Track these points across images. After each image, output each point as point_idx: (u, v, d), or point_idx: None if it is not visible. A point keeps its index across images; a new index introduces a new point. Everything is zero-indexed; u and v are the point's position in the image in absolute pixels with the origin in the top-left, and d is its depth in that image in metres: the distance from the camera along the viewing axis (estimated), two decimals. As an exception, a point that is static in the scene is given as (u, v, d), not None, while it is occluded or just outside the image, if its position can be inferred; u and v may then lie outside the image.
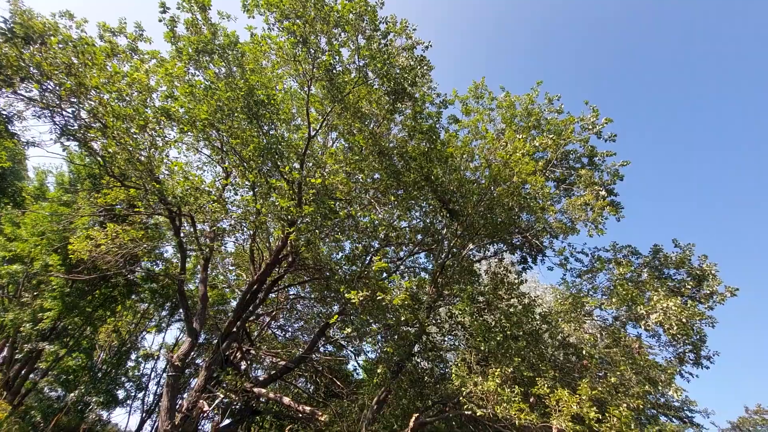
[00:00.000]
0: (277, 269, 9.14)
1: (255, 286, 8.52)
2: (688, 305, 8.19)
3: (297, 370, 10.53)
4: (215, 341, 8.31)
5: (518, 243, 10.04)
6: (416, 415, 4.44)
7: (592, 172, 8.66)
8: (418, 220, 9.43)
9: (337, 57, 6.84)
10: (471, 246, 9.22)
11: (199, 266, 9.28)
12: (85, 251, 8.22)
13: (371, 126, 8.60)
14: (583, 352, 7.74)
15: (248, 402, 7.69)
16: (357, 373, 10.98)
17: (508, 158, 7.26)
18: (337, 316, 6.32)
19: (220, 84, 7.30)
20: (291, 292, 11.06)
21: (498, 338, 7.37)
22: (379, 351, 8.61)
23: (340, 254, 9.98)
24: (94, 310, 11.55)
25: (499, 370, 6.27)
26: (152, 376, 12.31)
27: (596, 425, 5.53)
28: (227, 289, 11.39)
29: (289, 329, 11.37)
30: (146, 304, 12.47)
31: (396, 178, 8.13)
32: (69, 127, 7.49)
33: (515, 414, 5.63)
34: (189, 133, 8.51)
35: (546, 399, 5.88)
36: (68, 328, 11.97)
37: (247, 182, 8.47)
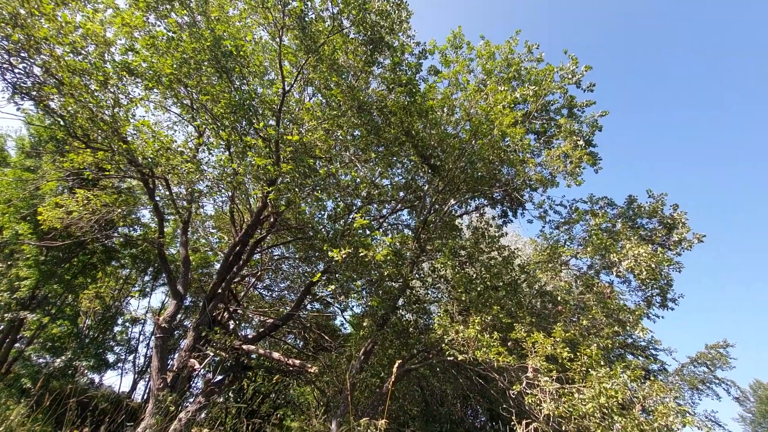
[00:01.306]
0: (259, 230, 9.08)
1: (237, 248, 8.48)
2: (658, 252, 8.60)
3: (286, 328, 10.79)
4: (201, 303, 8.36)
5: (499, 197, 10.17)
6: (399, 361, 4.65)
7: (571, 121, 8.66)
8: (400, 177, 9.38)
9: (309, 3, 6.41)
10: (453, 201, 9.29)
11: (178, 230, 9.12)
12: (56, 219, 7.94)
13: (349, 79, 8.27)
14: (559, 298, 8.13)
15: (238, 358, 7.90)
16: (344, 328, 11.34)
17: (489, 110, 7.15)
18: (320, 274, 6.38)
19: (183, 35, 6.80)
20: (275, 253, 11.07)
21: (479, 289, 7.65)
22: (364, 306, 8.86)
23: (324, 214, 9.95)
24: (74, 278, 11.37)
25: (479, 318, 6.54)
26: (141, 339, 12.46)
27: (568, 363, 5.92)
28: (210, 252, 11.32)
29: (276, 289, 11.51)
30: (128, 270, 12.34)
31: (376, 134, 7.96)
32: (21, 84, 6.94)
33: (494, 357, 5.96)
34: (155, 90, 8.04)
35: (523, 342, 6.21)
36: (49, 297, 11.81)
37: (221, 142, 8.18)
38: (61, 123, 7.64)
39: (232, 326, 8.64)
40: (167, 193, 8.33)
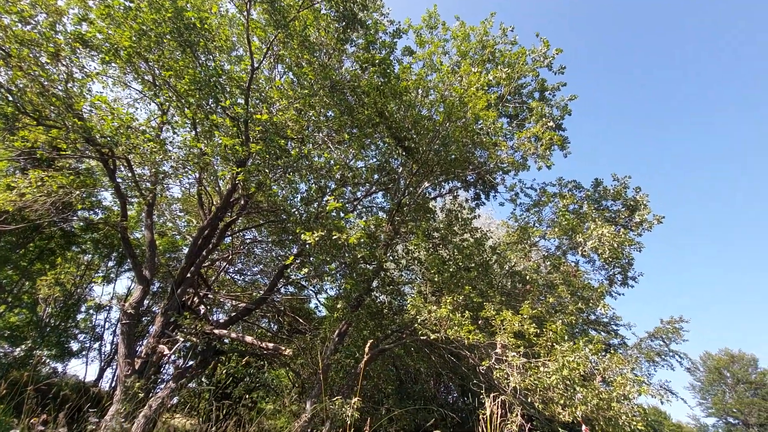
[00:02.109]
0: (229, 213, 8.84)
1: (206, 231, 8.24)
2: (621, 233, 8.99)
3: (259, 312, 10.68)
4: (170, 288, 8.13)
5: (472, 180, 10.29)
6: (371, 341, 4.69)
7: (543, 105, 8.80)
8: (374, 159, 9.31)
9: (277, -26, 6.12)
10: (426, 184, 9.33)
11: (143, 213, 8.76)
12: (8, 202, 7.44)
13: (321, 58, 8.05)
14: (527, 278, 8.40)
15: (210, 343, 7.78)
16: (319, 311, 11.36)
17: (463, 93, 7.15)
18: (293, 257, 6.31)
19: (142, 5, 6.37)
20: (247, 237, 10.84)
21: (451, 270, 7.79)
22: (338, 288, 8.86)
23: (297, 196, 9.80)
24: (31, 264, 10.77)
25: (451, 298, 6.68)
26: (107, 326, 12.03)
27: (535, 339, 6.17)
28: (178, 236, 10.96)
29: (248, 273, 11.32)
30: (89, 255, 11.80)
31: (349, 114, 7.82)
32: (-39, 54, 6.35)
33: (465, 335, 6.12)
34: (113, 64, 7.57)
35: (492, 320, 6.41)
36: (4, 284, 11.17)
37: (187, 120, 7.83)
38: (10, 98, 7.09)
39: (202, 311, 8.46)
40: (129, 174, 7.94)
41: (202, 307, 8.53)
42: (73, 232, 10.71)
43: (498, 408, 5.12)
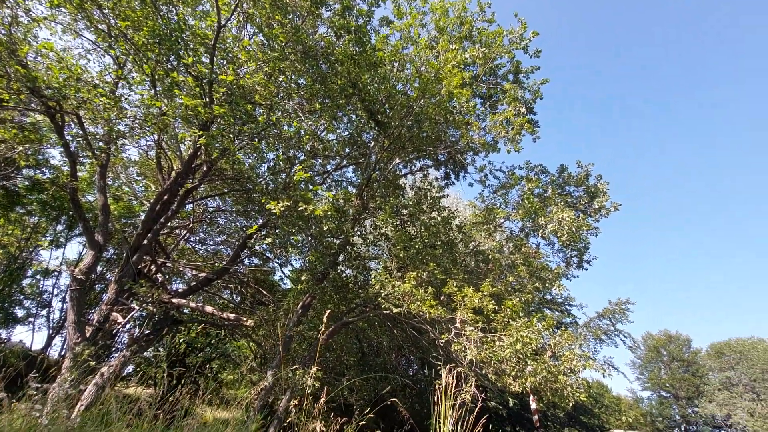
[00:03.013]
0: (190, 179, 8.45)
1: (165, 197, 7.86)
2: (580, 218, 9.37)
3: (221, 283, 10.45)
4: (125, 255, 7.75)
5: (443, 159, 10.33)
6: (329, 310, 4.70)
7: (516, 87, 8.85)
8: (346, 132, 9.11)
9: None
10: (397, 160, 9.28)
11: (96, 175, 8.20)
12: (-62, 153, 6.74)
13: (294, 20, 7.64)
14: (490, 257, 8.64)
15: (168, 313, 7.56)
16: (284, 283, 11.25)
17: (439, 68, 7.04)
18: (257, 227, 6.14)
19: (94, -58, 5.76)
20: (210, 205, 10.45)
21: (417, 247, 7.88)
22: (303, 261, 8.78)
23: (263, 165, 9.50)
24: (-32, 224, 9.93)
25: (415, 273, 6.78)
26: (56, 293, 11.40)
27: (493, 315, 6.40)
28: (134, 201, 10.40)
29: (211, 243, 10.98)
30: (36, 218, 11.00)
31: (322, 83, 7.56)
32: None
33: (427, 310, 6.27)
34: (63, 9, 6.89)
35: (454, 296, 6.58)
36: (-63, 245, 10.28)
37: (145, 78, 7.29)
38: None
39: (160, 280, 8.17)
40: (80, 131, 7.37)
41: (160, 275, 8.22)
42: (17, 191, 9.91)
43: (453, 379, 5.32)
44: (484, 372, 6.41)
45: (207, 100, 6.22)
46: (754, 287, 66.97)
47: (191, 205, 9.87)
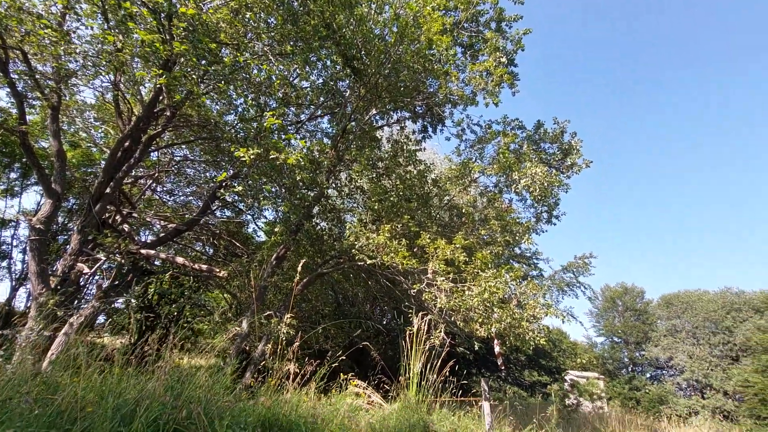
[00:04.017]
0: (153, 125, 7.96)
1: (126, 144, 7.40)
2: (553, 174, 9.54)
3: (193, 235, 10.24)
4: (87, 204, 7.39)
5: (421, 111, 10.10)
6: (304, 260, 4.72)
7: (498, 36, 8.56)
8: (320, 79, 8.68)
9: None
10: (374, 111, 8.99)
11: (48, 119, 7.56)
12: None
13: (262, -51, 6.93)
14: (464, 211, 8.77)
15: (136, 264, 7.39)
16: (258, 236, 11.15)
17: (418, 10, 6.66)
18: (225, 173, 5.92)
19: None
20: (177, 154, 9.96)
21: (392, 199, 7.87)
22: (276, 212, 8.65)
23: (233, 114, 9.03)
24: None
25: (389, 226, 6.82)
26: (15, 243, 10.90)
27: (464, 266, 6.61)
28: (94, 149, 9.76)
29: (180, 194, 10.60)
30: (-16, 164, 10.20)
31: (294, 23, 7.04)
32: None
33: (400, 261, 6.39)
34: None
35: (427, 248, 6.71)
36: None
37: (97, 10, 6.56)
38: None
39: (127, 230, 7.90)
40: (26, 69, 6.69)
41: (126, 226, 7.94)
42: (-41, 135, 9.08)
43: (425, 325, 5.54)
44: (453, 319, 6.72)
45: (166, 36, 5.70)
46: (708, 242, 71.90)
47: (156, 153, 9.39)
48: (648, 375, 28.73)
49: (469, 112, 9.98)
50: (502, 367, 9.02)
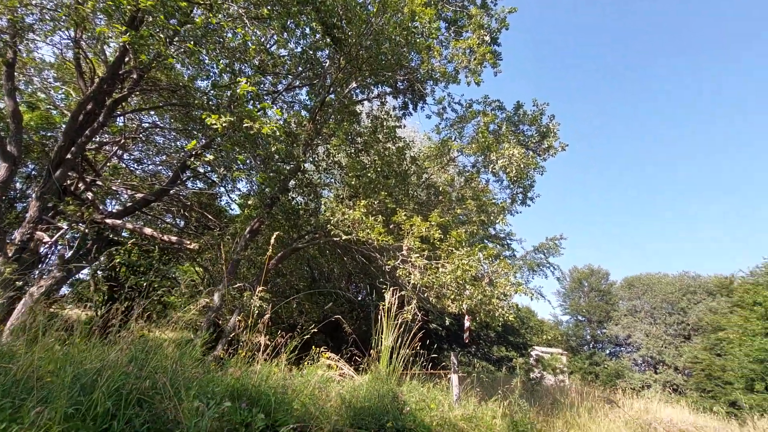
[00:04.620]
0: (118, 88, 7.50)
1: (89, 106, 6.97)
2: (530, 155, 9.65)
3: (163, 206, 9.89)
4: (46, 170, 6.97)
5: (402, 87, 9.92)
6: (277, 233, 4.64)
7: (483, 13, 8.41)
8: (299, 48, 8.34)
9: None
10: (354, 84, 8.77)
11: (2, 77, 6.99)
12: None
13: None
14: (441, 189, 8.81)
15: (101, 233, 7.10)
16: (232, 209, 10.88)
17: (402, -21, 6.44)
18: (195, 141, 5.67)
19: None
20: (145, 121, 9.47)
21: (370, 175, 7.80)
22: (250, 184, 8.44)
23: (207, 81, 8.61)
24: None
25: (366, 201, 6.78)
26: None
27: (439, 244, 6.68)
28: (54, 111, 9.15)
29: (149, 163, 10.15)
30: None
31: (271, -16, 6.68)
32: None
33: (375, 237, 6.39)
34: None
35: (403, 225, 6.73)
36: None
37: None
38: None
39: (91, 198, 7.53)
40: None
41: (90, 194, 7.57)
42: None
43: (396, 300, 5.61)
44: (426, 296, 6.84)
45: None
46: (672, 227, 75.39)
47: (122, 118, 8.89)
48: (607, 351, 30.47)
49: (451, 90, 9.90)
50: (467, 341, 9.33)
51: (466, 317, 6.58)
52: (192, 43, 5.95)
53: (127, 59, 7.08)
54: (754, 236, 68.67)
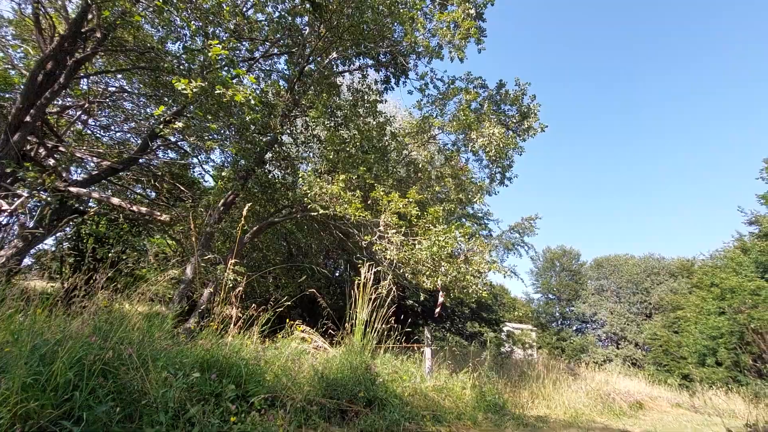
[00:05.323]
0: (81, 48, 7.01)
1: (49, 66, 6.50)
2: (510, 135, 9.68)
3: (132, 176, 9.49)
4: (3, 133, 6.53)
5: (384, 60, 9.68)
6: (249, 204, 4.53)
7: (467, -15, 8.19)
8: (276, 12, 7.95)
9: None
10: (335, 55, 8.49)
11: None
12: None
13: None
14: (420, 166, 8.78)
15: (65, 202, 6.76)
16: (205, 181, 10.56)
17: (385, -57, 6.15)
18: (162, 107, 5.38)
19: None
20: (112, 85, 8.94)
21: (349, 150, 7.67)
22: (222, 154, 8.18)
23: (176, 45, 8.14)
24: None
25: (344, 176, 6.69)
26: None
27: (416, 220, 6.70)
28: (12, 71, 8.50)
29: (117, 130, 9.64)
30: None
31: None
32: None
33: (352, 212, 6.34)
34: None
35: (380, 201, 6.70)
36: None
37: None
38: None
39: (53, 165, 7.13)
40: None
41: (53, 160, 7.16)
42: None
43: (372, 275, 5.63)
44: (402, 271, 6.90)
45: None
46: (642, 210, 78.08)
47: (86, 81, 8.37)
48: (574, 328, 31.96)
49: (434, 66, 9.71)
50: (437, 315, 9.58)
51: (440, 293, 6.70)
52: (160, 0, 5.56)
53: (90, 16, 6.60)
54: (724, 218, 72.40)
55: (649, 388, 14.07)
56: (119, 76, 8.76)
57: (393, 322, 5.62)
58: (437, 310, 7.16)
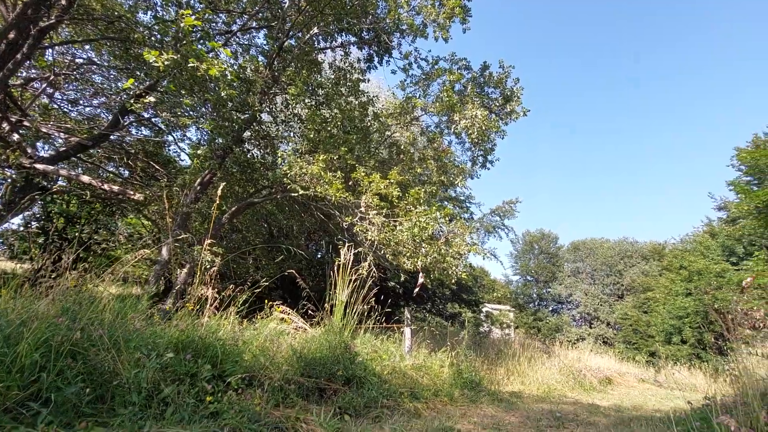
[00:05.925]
0: (46, 15, 6.57)
1: (11, 35, 6.08)
2: (492, 118, 9.68)
3: (104, 153, 9.11)
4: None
5: (368, 38, 9.45)
6: (223, 184, 4.43)
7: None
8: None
9: None
10: (316, 30, 8.22)
11: None
12: None
13: None
14: (402, 148, 8.72)
15: (30, 180, 6.46)
16: (182, 160, 10.24)
17: None
18: (133, 80, 5.12)
19: None
20: (80, 57, 8.45)
21: (330, 129, 7.54)
22: (197, 131, 7.91)
23: (148, 14, 7.74)
24: None
25: (325, 156, 6.58)
26: None
27: (397, 201, 6.69)
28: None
29: (86, 104, 9.17)
30: None
31: None
32: None
33: (333, 193, 6.27)
34: None
35: (362, 182, 6.64)
36: None
37: None
38: None
39: (17, 140, 6.75)
40: None
41: (17, 136, 6.78)
42: None
43: (352, 256, 5.62)
44: (383, 252, 6.92)
45: None
46: (628, 190, 79.36)
47: (52, 52, 7.89)
48: (551, 308, 33.01)
49: (418, 46, 9.55)
50: (416, 296, 9.72)
51: (421, 274, 6.77)
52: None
53: (51, -20, 6.16)
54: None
55: (618, 364, 14.78)
56: (87, 47, 8.29)
57: (374, 302, 5.65)
58: (416, 290, 7.25)
